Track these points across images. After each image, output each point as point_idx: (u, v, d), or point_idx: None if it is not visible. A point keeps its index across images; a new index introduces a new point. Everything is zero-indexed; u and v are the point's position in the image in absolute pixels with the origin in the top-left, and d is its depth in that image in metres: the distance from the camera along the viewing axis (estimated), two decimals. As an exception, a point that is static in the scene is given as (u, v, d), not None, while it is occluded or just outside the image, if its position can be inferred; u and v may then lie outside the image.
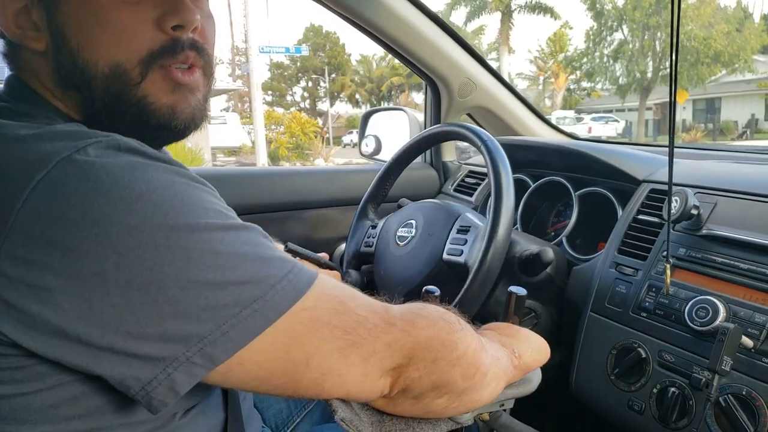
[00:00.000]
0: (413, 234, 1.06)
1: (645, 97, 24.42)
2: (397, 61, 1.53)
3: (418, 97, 37.25)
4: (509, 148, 1.03)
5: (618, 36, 25.33)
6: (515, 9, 27.95)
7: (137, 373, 0.45)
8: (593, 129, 23.69)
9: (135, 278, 0.43)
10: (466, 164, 1.67)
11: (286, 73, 45.00)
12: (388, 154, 1.82)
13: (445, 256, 0.98)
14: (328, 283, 0.53)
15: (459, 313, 0.62)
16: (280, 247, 0.96)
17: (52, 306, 0.43)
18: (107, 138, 0.48)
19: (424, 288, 0.83)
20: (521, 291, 0.78)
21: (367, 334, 0.51)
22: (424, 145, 1.20)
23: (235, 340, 0.46)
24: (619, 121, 26.36)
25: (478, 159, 1.63)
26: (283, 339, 0.48)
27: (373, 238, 1.15)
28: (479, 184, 1.53)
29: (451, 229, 1.00)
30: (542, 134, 1.70)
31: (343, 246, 1.51)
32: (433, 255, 1.00)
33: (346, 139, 33.10)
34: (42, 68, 0.57)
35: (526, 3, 27.51)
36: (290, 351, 0.49)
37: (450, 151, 1.72)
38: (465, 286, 0.88)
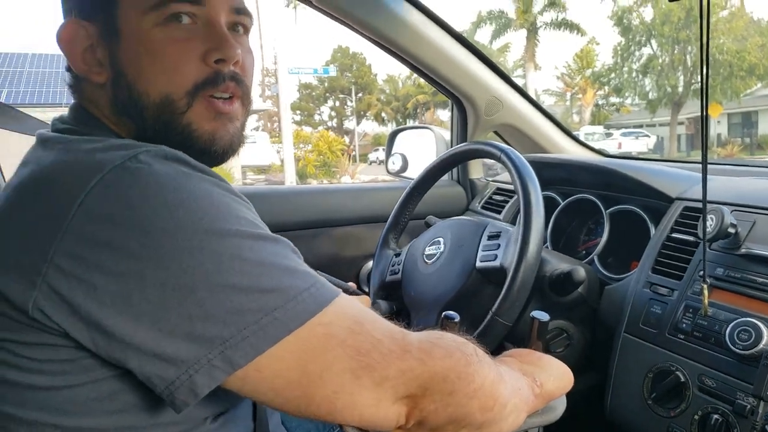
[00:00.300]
0: (442, 250, 1.05)
1: (676, 111, 24.00)
2: (422, 79, 1.54)
3: (444, 115, 37.27)
4: (538, 165, 1.01)
5: (647, 51, 25.06)
6: (541, 26, 27.84)
7: (162, 372, 0.48)
8: (623, 144, 23.30)
9: (170, 279, 0.47)
10: (493, 181, 1.66)
11: (314, 94, 45.71)
12: (414, 172, 1.83)
13: (478, 264, 0.96)
14: (349, 303, 0.54)
15: (478, 344, 0.61)
16: None
17: (96, 301, 0.47)
18: (156, 148, 0.54)
19: (444, 314, 0.81)
20: (544, 316, 0.76)
21: (381, 359, 0.52)
22: (450, 164, 1.19)
23: (254, 346, 0.48)
24: (650, 136, 25.85)
25: (505, 176, 1.62)
26: (299, 350, 0.50)
27: (398, 265, 1.14)
28: (507, 201, 1.51)
29: (481, 237, 0.99)
30: (571, 151, 1.68)
31: (370, 264, 1.50)
32: (465, 266, 0.99)
33: (372, 156, 33.33)
34: (101, 98, 0.64)
35: (552, 20, 27.39)
36: (305, 363, 0.50)
37: (477, 169, 1.71)
38: (505, 288, 0.86)
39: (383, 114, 42.49)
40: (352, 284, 1.04)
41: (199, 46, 0.62)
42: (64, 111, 0.66)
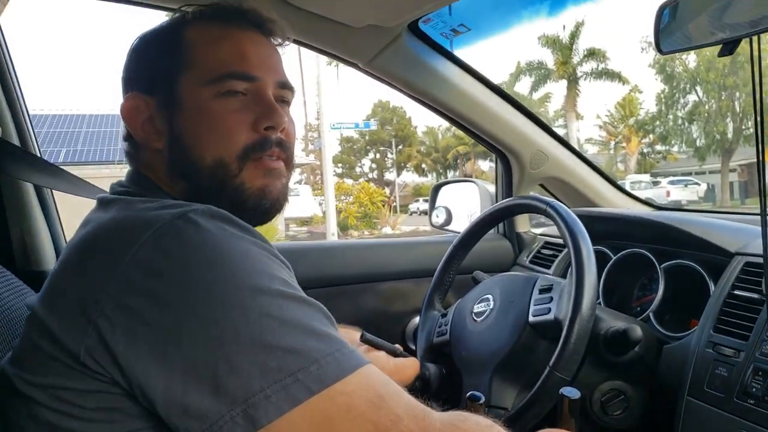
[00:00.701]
0: (491, 306, 1.03)
1: (727, 158, 23.28)
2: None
3: (485, 165, 37.23)
4: (587, 220, 1.00)
5: (692, 98, 24.61)
6: (581, 76, 27.85)
7: (188, 426, 0.50)
8: (672, 193, 22.61)
9: (202, 330, 0.50)
10: (541, 235, 1.64)
11: (355, 147, 46.66)
12: (458, 225, 1.82)
13: (531, 318, 0.94)
14: (373, 374, 0.55)
15: (504, 427, 0.60)
16: (356, 334, 0.95)
17: (135, 349, 0.51)
18: (204, 207, 0.58)
19: (469, 393, 0.80)
20: (574, 393, 0.74)
21: None
22: (496, 219, 1.19)
23: (276, 405, 0.49)
24: (699, 184, 24.95)
25: (554, 229, 1.59)
26: (318, 416, 0.50)
27: (446, 326, 1.12)
28: (557, 256, 1.48)
29: (532, 291, 0.97)
30: (618, 203, 1.65)
31: (416, 319, 1.49)
32: (517, 321, 0.96)
33: (412, 207, 33.38)
34: (157, 162, 0.70)
35: (592, 70, 27.36)
36: (323, 429, 0.51)
37: (524, 222, 1.69)
38: (561, 340, 0.84)
39: (423, 165, 42.86)
40: (398, 346, 1.02)
41: (250, 116, 0.68)
42: (116, 167, 0.72)
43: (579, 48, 27.47)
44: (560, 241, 1.51)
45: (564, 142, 1.58)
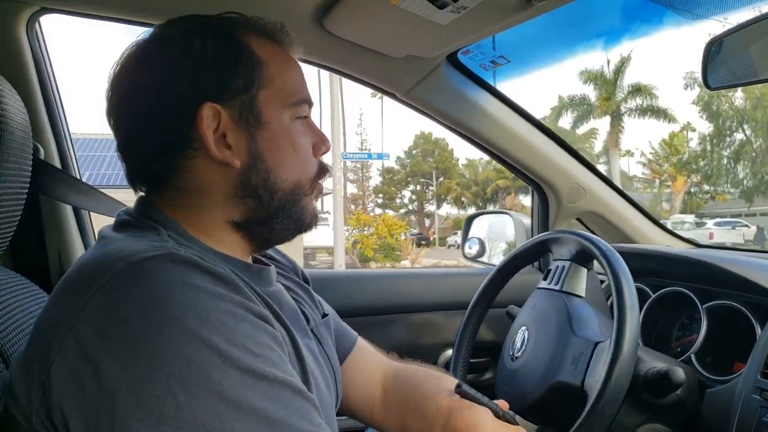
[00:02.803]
0: (524, 346, 1.02)
1: None
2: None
3: (526, 200, 36.77)
4: (626, 256, 0.98)
5: (739, 136, 23.86)
6: (625, 112, 27.38)
7: None
8: (715, 234, 21.71)
9: (140, 406, 0.45)
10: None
11: (395, 178, 46.87)
12: (491, 257, 1.81)
13: (560, 377, 0.92)
14: None
15: None
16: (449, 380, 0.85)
17: (75, 415, 0.47)
18: (166, 251, 0.52)
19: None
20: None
21: None
22: (534, 254, 1.17)
23: None
24: (749, 227, 23.77)
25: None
26: None
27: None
28: (594, 292, 1.45)
29: (567, 345, 0.95)
30: (658, 240, 1.61)
31: (448, 353, 1.47)
32: (546, 373, 0.95)
33: (450, 239, 33.14)
34: (217, 181, 0.64)
35: (637, 106, 26.90)
36: None
37: (560, 257, 1.66)
38: (585, 414, 0.81)
39: (463, 198, 42.67)
40: (499, 403, 0.80)
41: (311, 138, 0.70)
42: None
43: (624, 83, 27.05)
44: (599, 277, 1.48)
45: (603, 177, 1.56)
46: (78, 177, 1.24)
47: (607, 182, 1.56)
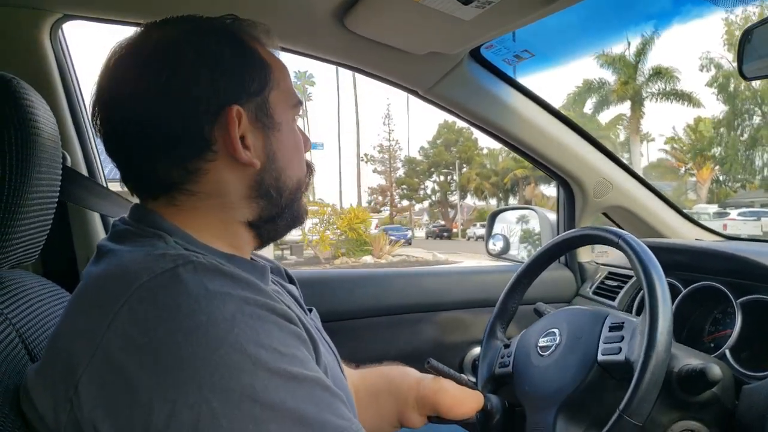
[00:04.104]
0: (557, 341, 1.00)
1: None
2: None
3: (548, 191, 36.32)
4: (655, 250, 0.96)
5: (757, 120, 22.93)
6: (646, 97, 26.50)
7: None
8: (729, 226, 20.49)
9: (175, 414, 0.45)
10: (605, 265, 1.59)
11: (418, 168, 46.64)
12: (516, 254, 1.79)
13: (600, 357, 0.90)
14: None
15: None
16: (409, 371, 0.96)
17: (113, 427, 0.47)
18: (188, 260, 0.52)
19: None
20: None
21: None
22: (563, 249, 1.15)
23: None
24: None
25: (617, 259, 1.55)
26: None
27: (508, 357, 1.09)
28: (622, 287, 1.43)
29: (602, 328, 0.93)
30: (686, 233, 1.59)
31: (475, 350, 1.46)
32: (585, 359, 0.92)
33: (470, 231, 32.88)
34: (235, 182, 0.64)
35: (660, 90, 25.98)
36: None
37: (586, 252, 1.64)
38: (633, 384, 0.79)
39: (482, 189, 42.17)
40: (464, 376, 0.99)
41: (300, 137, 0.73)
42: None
43: (645, 67, 26.08)
44: (625, 271, 1.46)
45: (630, 171, 1.53)
46: (104, 183, 1.25)
47: (633, 176, 1.53)
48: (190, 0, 1.03)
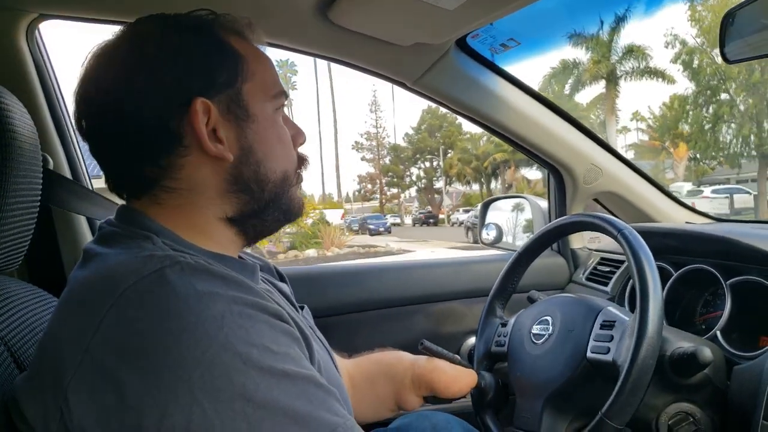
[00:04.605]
0: (550, 331, 1.00)
1: (765, 165, 21.18)
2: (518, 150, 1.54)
3: (529, 174, 36.28)
4: (646, 235, 0.96)
5: (725, 96, 22.43)
6: (621, 75, 26.17)
7: None
8: (698, 204, 20.43)
9: (167, 417, 0.44)
10: (597, 251, 1.59)
11: (402, 155, 46.39)
12: (509, 242, 1.79)
13: (589, 354, 0.91)
14: None
15: None
16: (405, 355, 0.98)
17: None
18: (174, 260, 0.52)
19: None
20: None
21: None
22: (555, 236, 1.15)
23: None
24: (751, 194, 22.37)
25: (608, 245, 1.55)
26: None
27: (505, 336, 1.10)
28: (614, 273, 1.44)
29: (593, 325, 0.94)
30: (677, 217, 1.59)
31: (470, 340, 1.46)
32: (575, 354, 0.93)
33: (453, 217, 32.86)
34: (211, 177, 0.63)
35: (633, 68, 25.68)
36: None
37: (578, 238, 1.65)
38: (616, 390, 0.80)
39: (464, 174, 42.01)
40: (457, 356, 1.01)
41: (291, 131, 0.72)
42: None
43: (618, 45, 25.75)
44: (617, 257, 1.47)
45: (619, 156, 1.54)
46: (89, 185, 1.23)
47: (623, 161, 1.54)
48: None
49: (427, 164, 45.90)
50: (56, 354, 0.50)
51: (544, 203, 1.67)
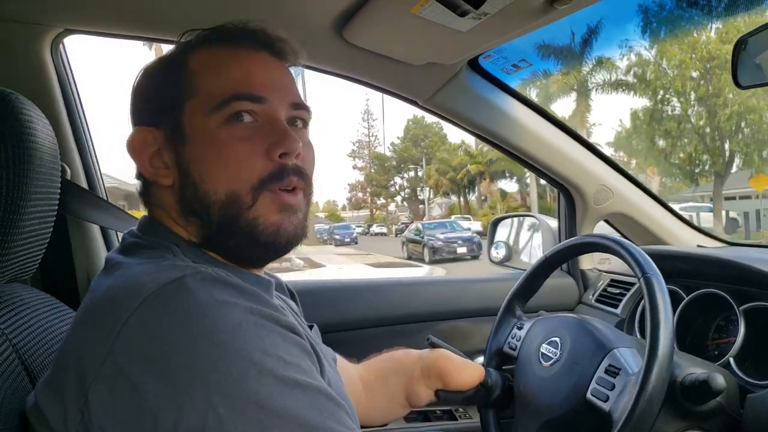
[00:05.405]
0: (557, 356, 0.99)
1: (720, 183, 20.40)
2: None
3: (507, 186, 35.52)
4: (657, 258, 0.95)
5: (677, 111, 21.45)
6: (592, 88, 25.05)
7: None
8: None
9: (183, 419, 0.45)
10: (606, 272, 1.58)
11: (386, 164, 46.14)
12: (519, 261, 1.79)
13: (589, 395, 0.90)
14: None
15: None
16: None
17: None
18: (194, 270, 0.53)
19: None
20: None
21: None
22: (579, 251, 1.15)
23: None
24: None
25: (618, 266, 1.54)
26: None
27: (518, 341, 1.10)
28: (624, 294, 1.42)
29: (598, 366, 0.92)
30: (688, 239, 1.58)
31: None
32: (576, 389, 0.92)
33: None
34: (168, 201, 0.66)
35: (605, 81, 24.44)
36: None
37: (588, 259, 1.64)
38: None
39: (441, 184, 41.36)
40: (462, 353, 1.03)
41: (262, 142, 0.63)
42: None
43: (589, 57, 24.76)
44: (627, 279, 1.46)
45: (629, 177, 1.53)
46: (104, 196, 1.25)
47: (634, 182, 1.53)
48: (188, 14, 1.03)
49: (411, 174, 45.71)
50: (78, 357, 0.51)
51: (553, 223, 1.67)
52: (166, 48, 0.79)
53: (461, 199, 40.24)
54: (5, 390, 0.59)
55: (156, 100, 0.66)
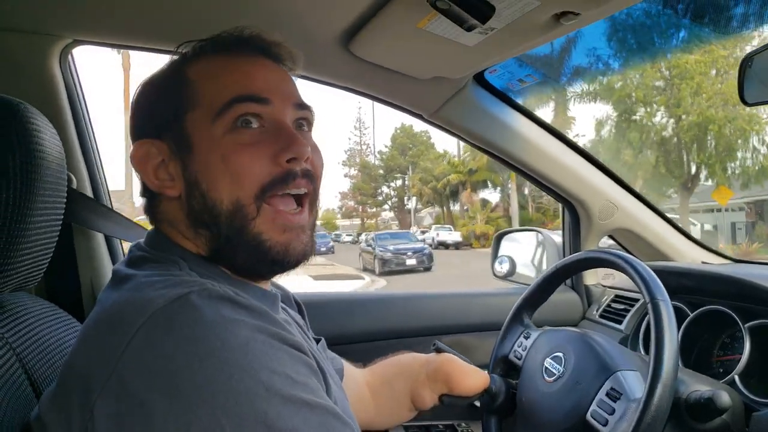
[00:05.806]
0: (560, 372, 0.98)
1: (686, 196, 19.97)
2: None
3: (490, 196, 35.14)
4: (662, 274, 0.95)
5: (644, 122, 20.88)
6: (571, 97, 23.98)
7: None
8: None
9: None
10: (611, 288, 1.57)
11: (372, 173, 45.91)
12: (523, 276, 1.78)
13: (588, 417, 0.89)
14: None
15: None
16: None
17: None
18: (202, 287, 0.53)
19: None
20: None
21: None
22: (583, 265, 1.15)
23: None
24: (695, 224, 21.21)
25: (622, 282, 1.54)
26: None
27: (524, 351, 1.10)
28: (628, 310, 1.42)
29: (600, 388, 0.91)
30: (693, 256, 1.57)
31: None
32: (576, 408, 0.91)
33: (361, 238, 29.89)
34: (176, 213, 0.65)
35: (583, 91, 23.28)
36: None
37: (592, 275, 1.63)
38: None
39: (424, 194, 40.90)
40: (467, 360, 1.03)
41: (269, 148, 0.62)
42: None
43: (568, 66, 23.38)
44: (632, 295, 1.45)
45: (634, 193, 1.53)
46: (110, 205, 1.26)
47: (639, 198, 1.53)
48: (196, 24, 1.04)
49: (398, 182, 45.58)
50: (84, 372, 0.51)
51: (557, 238, 1.67)
52: (134, 54, 0.81)
53: (444, 209, 39.94)
54: (8, 400, 0.59)
55: (158, 113, 0.65)
